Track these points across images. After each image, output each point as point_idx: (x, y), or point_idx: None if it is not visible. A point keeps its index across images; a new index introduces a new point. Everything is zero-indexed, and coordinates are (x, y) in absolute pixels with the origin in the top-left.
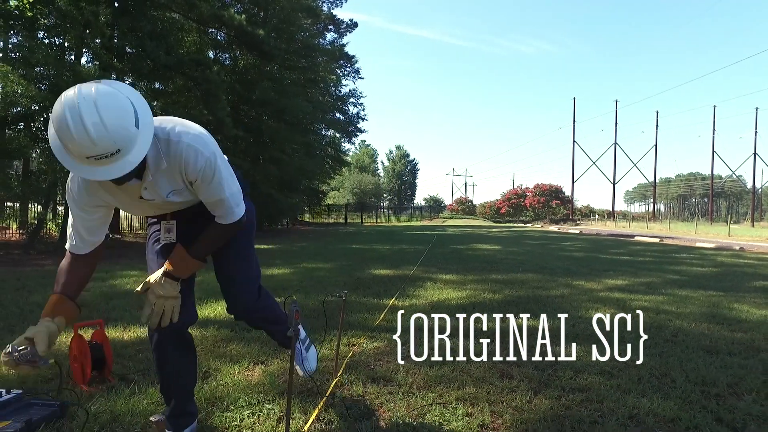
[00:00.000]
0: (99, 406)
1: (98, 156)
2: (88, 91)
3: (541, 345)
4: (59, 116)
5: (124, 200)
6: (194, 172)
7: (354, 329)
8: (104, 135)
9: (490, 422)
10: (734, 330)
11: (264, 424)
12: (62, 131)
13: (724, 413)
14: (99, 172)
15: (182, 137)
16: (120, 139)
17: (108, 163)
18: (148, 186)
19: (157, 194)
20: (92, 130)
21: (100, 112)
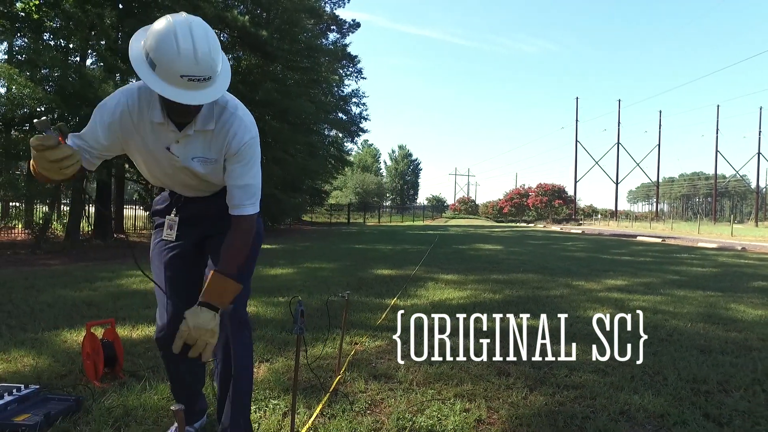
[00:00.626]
0: (112, 401)
1: (192, 77)
2: (197, 18)
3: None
4: (166, 31)
5: (150, 145)
6: (237, 145)
7: (356, 328)
8: (208, 56)
9: (486, 417)
10: (729, 330)
11: (270, 419)
12: (166, 45)
13: (712, 409)
14: (186, 96)
15: (238, 109)
16: (215, 66)
17: (196, 87)
18: (182, 140)
19: (184, 154)
20: (200, 48)
21: (208, 34)
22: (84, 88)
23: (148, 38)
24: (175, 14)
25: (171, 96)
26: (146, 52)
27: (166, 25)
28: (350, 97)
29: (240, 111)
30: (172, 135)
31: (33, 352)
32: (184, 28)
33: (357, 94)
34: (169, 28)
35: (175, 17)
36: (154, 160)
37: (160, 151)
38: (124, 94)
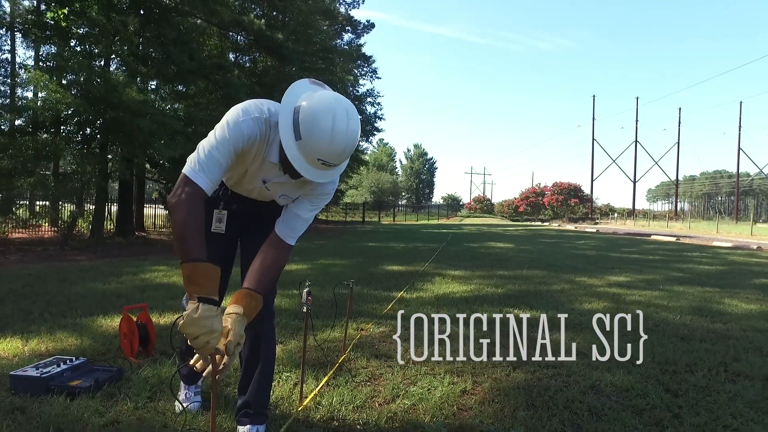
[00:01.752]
0: (147, 372)
1: (328, 163)
2: (353, 107)
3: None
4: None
5: (252, 171)
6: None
7: (363, 317)
8: (350, 149)
9: (471, 389)
10: (715, 322)
11: (283, 387)
12: (320, 129)
13: (673, 384)
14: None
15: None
16: (349, 156)
17: (326, 169)
18: (280, 180)
19: (276, 189)
20: (348, 142)
21: (356, 126)
22: (109, 92)
23: (305, 107)
24: (337, 96)
25: (301, 170)
26: (297, 118)
27: (327, 108)
28: (365, 97)
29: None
30: (274, 174)
31: (75, 334)
32: (342, 118)
33: (372, 94)
34: (328, 112)
35: (339, 101)
36: (247, 180)
37: (256, 179)
38: (259, 125)
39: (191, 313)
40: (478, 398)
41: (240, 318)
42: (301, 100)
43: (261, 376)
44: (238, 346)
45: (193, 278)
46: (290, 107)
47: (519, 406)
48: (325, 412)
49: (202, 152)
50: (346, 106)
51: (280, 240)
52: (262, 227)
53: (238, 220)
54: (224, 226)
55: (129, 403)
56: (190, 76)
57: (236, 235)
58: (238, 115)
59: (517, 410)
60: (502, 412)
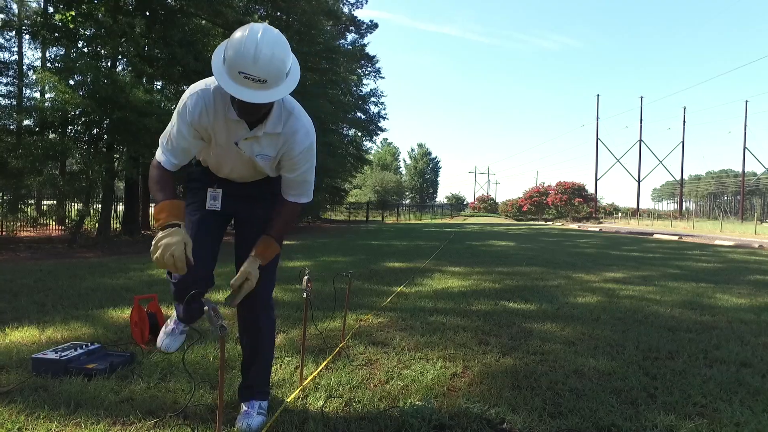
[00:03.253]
0: (157, 358)
1: (248, 75)
2: (274, 30)
3: (521, 322)
4: (241, 31)
5: (222, 139)
6: (299, 148)
7: (363, 309)
8: (266, 60)
9: (461, 372)
10: (703, 314)
11: (285, 370)
12: (235, 42)
13: (652, 369)
14: (243, 92)
15: (303, 118)
16: (274, 72)
17: (251, 86)
18: (250, 138)
19: (251, 150)
20: (260, 51)
21: (274, 44)
22: (115, 92)
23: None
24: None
25: (225, 86)
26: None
27: (244, 27)
28: (369, 97)
29: (304, 118)
30: (242, 132)
31: (88, 324)
32: (255, 31)
33: (375, 94)
34: (244, 30)
35: (257, 24)
36: (222, 152)
37: (229, 145)
38: (201, 96)
39: (158, 234)
40: (467, 381)
41: (252, 258)
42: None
43: (262, 360)
44: (247, 282)
45: (156, 214)
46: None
47: (505, 388)
48: (323, 391)
49: (164, 137)
50: (264, 25)
51: (284, 199)
52: (255, 209)
53: (230, 201)
54: (219, 204)
55: (141, 384)
56: (195, 77)
57: (228, 215)
58: (184, 96)
59: (503, 391)
60: (489, 392)
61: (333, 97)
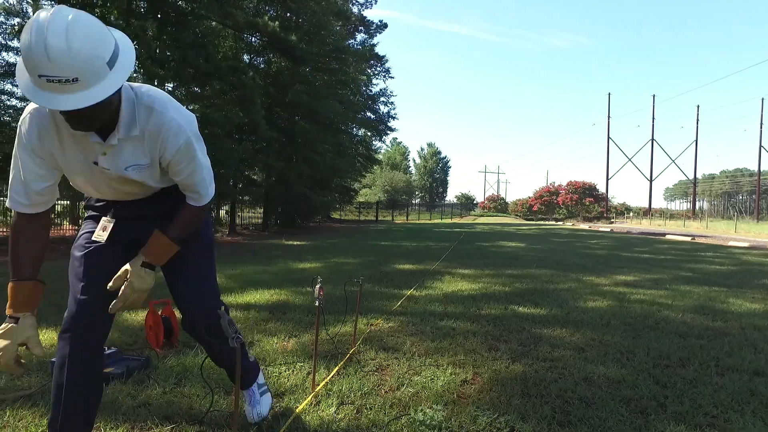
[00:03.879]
0: (172, 361)
1: (52, 78)
2: (69, 10)
3: (531, 327)
4: (27, 24)
5: (75, 161)
6: (173, 148)
7: (374, 313)
8: (65, 55)
9: (471, 379)
10: (716, 320)
11: (297, 375)
12: (23, 39)
13: (662, 377)
14: (53, 100)
15: (168, 109)
16: (81, 66)
17: (59, 90)
18: (108, 151)
19: (115, 164)
20: (53, 44)
21: (68, 29)
22: None
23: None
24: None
25: (29, 95)
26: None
27: (31, 18)
28: (378, 96)
29: (171, 110)
30: (97, 147)
31: None
32: (42, 18)
33: (385, 93)
34: (29, 22)
35: (47, 10)
36: (87, 176)
37: (88, 165)
38: (35, 116)
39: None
40: (477, 387)
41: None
42: None
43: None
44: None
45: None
46: None
47: (514, 395)
48: (335, 398)
49: (11, 176)
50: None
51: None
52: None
53: (130, 225)
54: (106, 235)
55: (158, 388)
56: (206, 79)
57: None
58: (18, 130)
59: (513, 398)
60: (498, 399)
61: (342, 97)
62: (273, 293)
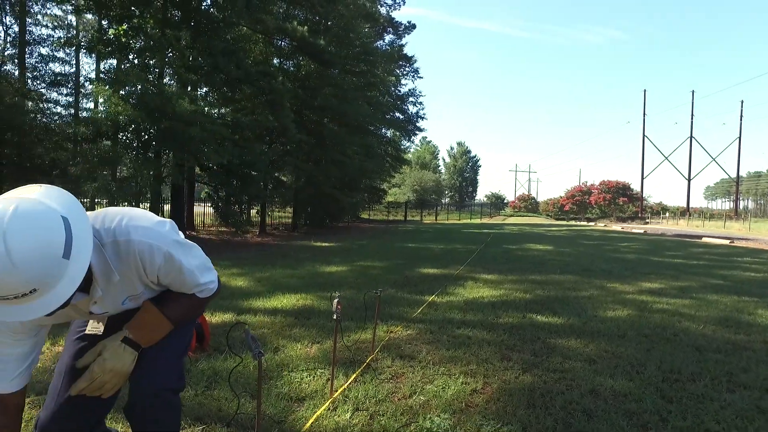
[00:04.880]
0: (203, 365)
1: (5, 297)
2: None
3: (545, 337)
4: None
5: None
6: (154, 271)
7: (394, 319)
8: (9, 274)
9: (481, 388)
10: (738, 333)
11: (317, 381)
12: None
13: (670, 391)
14: (15, 313)
15: (131, 234)
16: (36, 276)
17: (20, 303)
18: (98, 301)
19: (109, 306)
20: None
21: (6, 242)
22: (163, 103)
23: None
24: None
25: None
26: None
27: None
28: (407, 97)
29: (135, 234)
30: (83, 303)
31: None
32: None
33: (413, 94)
34: None
35: None
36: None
37: (85, 317)
38: None
39: None
40: (485, 397)
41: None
42: None
43: None
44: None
45: None
46: None
47: (520, 406)
48: (351, 404)
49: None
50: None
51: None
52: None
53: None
54: (102, 327)
55: (190, 391)
56: (237, 84)
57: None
58: None
59: (518, 409)
60: (504, 410)
61: (371, 99)
62: (299, 298)
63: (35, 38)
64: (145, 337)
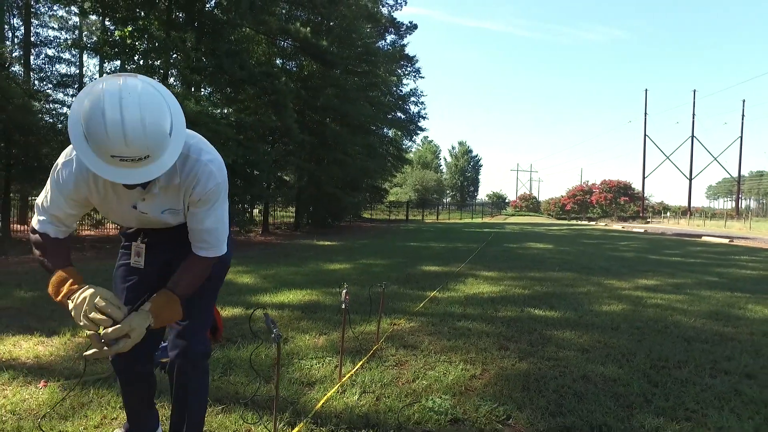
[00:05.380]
0: (218, 355)
1: (126, 158)
2: (134, 85)
3: (542, 329)
4: (95, 105)
5: (113, 204)
6: (201, 192)
7: (397, 313)
8: (140, 137)
9: (479, 374)
10: (726, 325)
11: (326, 368)
12: (94, 123)
13: (657, 377)
14: (121, 175)
15: (202, 155)
16: (153, 144)
17: (131, 166)
18: (147, 198)
19: (152, 209)
20: (129, 130)
21: (142, 111)
22: None
23: (84, 109)
24: (112, 79)
25: (104, 174)
26: (81, 122)
27: (96, 96)
28: (408, 96)
29: (205, 156)
30: (136, 194)
31: None
32: (113, 102)
33: (415, 93)
34: (98, 103)
35: (109, 85)
36: (122, 215)
37: (126, 209)
38: (71, 168)
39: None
40: (483, 381)
41: (144, 314)
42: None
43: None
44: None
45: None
46: (77, 115)
47: (515, 389)
48: (358, 388)
49: (39, 201)
50: (119, 87)
51: (194, 254)
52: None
53: (160, 249)
54: (143, 261)
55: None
56: (240, 84)
57: (157, 268)
58: (55, 167)
59: (513, 392)
60: (501, 392)
61: (373, 99)
62: (305, 293)
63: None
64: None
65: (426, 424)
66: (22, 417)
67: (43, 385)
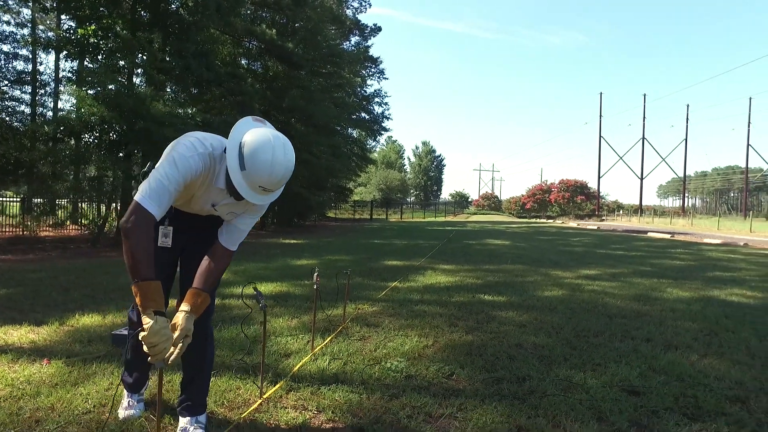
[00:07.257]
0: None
1: (267, 189)
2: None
3: (488, 310)
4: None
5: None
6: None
7: (361, 300)
8: (285, 176)
9: (431, 345)
10: (645, 304)
11: (300, 342)
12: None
13: (577, 343)
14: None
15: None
16: (285, 181)
17: (266, 193)
18: (229, 203)
19: (226, 213)
20: (283, 172)
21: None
22: (137, 105)
23: (248, 142)
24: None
25: (246, 196)
26: (242, 151)
27: (267, 141)
28: (372, 97)
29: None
30: (221, 198)
31: None
32: (280, 152)
33: (379, 94)
34: (268, 147)
35: (277, 138)
36: (200, 205)
37: (204, 202)
38: (204, 160)
39: (153, 325)
40: (434, 350)
41: (188, 315)
42: (245, 135)
43: (203, 378)
44: (186, 338)
45: (148, 295)
46: (236, 142)
47: (461, 354)
48: (329, 356)
49: (153, 181)
50: (282, 141)
51: (224, 248)
52: (201, 242)
53: (180, 236)
54: (170, 241)
55: None
56: (207, 85)
57: (178, 250)
58: (186, 151)
59: (459, 356)
60: (448, 357)
61: (337, 100)
62: (276, 285)
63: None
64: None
65: (385, 380)
66: (38, 385)
67: (47, 362)
